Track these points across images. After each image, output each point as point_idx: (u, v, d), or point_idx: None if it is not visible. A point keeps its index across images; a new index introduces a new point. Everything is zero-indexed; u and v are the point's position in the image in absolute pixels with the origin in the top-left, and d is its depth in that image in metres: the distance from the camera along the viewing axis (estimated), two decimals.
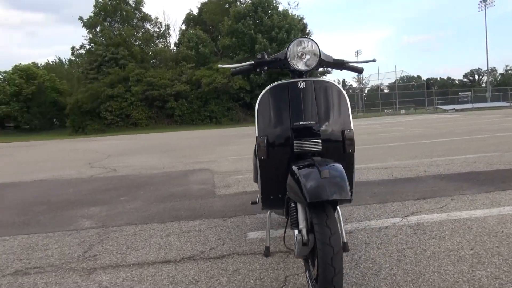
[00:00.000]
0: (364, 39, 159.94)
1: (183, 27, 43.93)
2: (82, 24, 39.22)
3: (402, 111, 40.91)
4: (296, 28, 37.07)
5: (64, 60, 61.54)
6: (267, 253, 2.27)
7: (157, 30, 41.97)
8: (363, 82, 58.65)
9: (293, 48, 1.87)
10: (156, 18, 41.97)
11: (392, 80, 46.16)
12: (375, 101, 46.39)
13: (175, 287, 1.92)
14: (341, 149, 1.89)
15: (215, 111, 33.31)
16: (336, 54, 2.06)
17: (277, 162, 1.89)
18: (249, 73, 2.12)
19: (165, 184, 5.08)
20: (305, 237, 1.56)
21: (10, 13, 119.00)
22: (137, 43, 38.99)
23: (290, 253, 2.29)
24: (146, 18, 41.22)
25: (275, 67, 2.00)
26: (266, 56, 1.98)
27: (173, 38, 65.10)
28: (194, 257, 2.32)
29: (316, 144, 1.80)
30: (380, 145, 8.19)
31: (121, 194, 4.50)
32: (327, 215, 1.53)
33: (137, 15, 41.00)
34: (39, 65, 51.01)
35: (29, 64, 44.82)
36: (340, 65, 2.07)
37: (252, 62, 2.02)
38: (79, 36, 71.88)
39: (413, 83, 60.00)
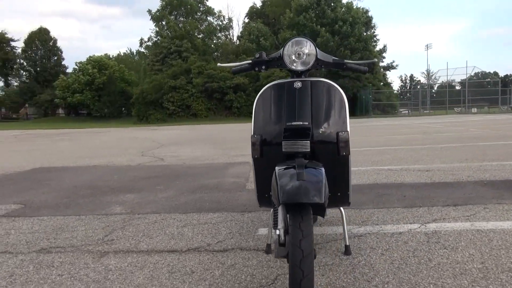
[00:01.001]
0: (435, 33, 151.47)
1: (246, 20, 44.41)
2: (150, 17, 41.04)
3: (474, 110, 38.44)
4: (360, 21, 36.05)
5: (134, 51, 64.89)
6: (268, 250, 2.30)
7: (220, 23, 42.83)
8: (433, 77, 55.66)
9: (289, 48, 1.87)
10: (219, 12, 42.77)
11: (464, 77, 43.25)
12: (445, 98, 43.88)
13: (171, 275, 2.02)
14: (335, 151, 1.86)
15: None
16: (404, 48, 2.01)
17: (271, 162, 1.90)
18: (248, 72, 2.15)
19: (202, 175, 5.24)
20: (282, 237, 1.56)
21: (89, 8, 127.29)
22: (200, 36, 40.07)
23: None
24: (209, 11, 42.21)
25: (273, 66, 2.01)
26: (264, 56, 1.99)
27: (237, 31, 66.06)
28: (200, 248, 2.40)
29: (304, 146, 1.78)
30: (431, 146, 7.79)
31: (158, 183, 4.72)
32: (302, 218, 1.52)
33: (201, 8, 42.09)
34: (110, 56, 54.26)
35: (101, 55, 47.77)
36: (340, 65, 2.03)
37: (250, 61, 2.04)
38: (148, 29, 75.74)
39: (488, 79, 55.94)
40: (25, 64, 56.80)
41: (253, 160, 1.98)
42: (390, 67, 43.66)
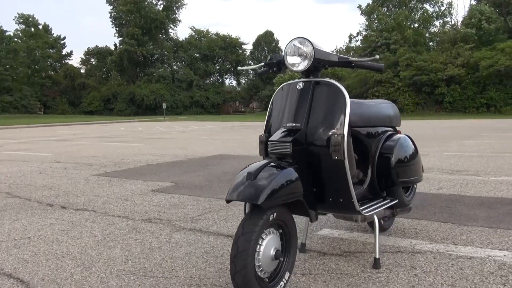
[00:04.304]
0: None
1: (473, 2, 39.28)
2: (360, 12, 41.00)
3: None
4: None
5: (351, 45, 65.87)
6: (302, 249, 2.32)
7: (437, 9, 39.24)
8: None
9: (288, 49, 1.88)
10: None
11: None
12: None
13: (204, 255, 2.32)
14: (328, 155, 1.78)
15: (494, 99, 28.77)
16: None
17: None
18: (268, 74, 2.19)
19: None
20: None
21: (317, 7, 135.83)
22: (412, 26, 37.71)
23: (325, 253, 2.27)
24: None
25: (281, 67, 2.02)
26: (275, 58, 2.03)
27: (461, 16, 59.16)
28: None
29: (285, 147, 1.78)
30: None
31: None
32: (250, 216, 1.59)
33: None
34: None
35: None
36: (348, 64, 1.89)
37: (263, 64, 2.10)
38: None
39: None
40: (252, 64, 65.04)
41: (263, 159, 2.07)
42: None
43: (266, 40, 65.17)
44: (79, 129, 20.47)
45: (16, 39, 53.15)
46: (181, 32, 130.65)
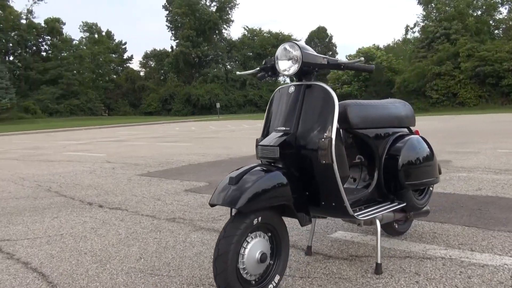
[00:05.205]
0: None
1: None
2: (417, 1, 39.22)
3: None
4: None
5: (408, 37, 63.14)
6: (308, 252, 2.33)
7: None
8: None
9: (278, 54, 1.90)
10: None
11: None
12: None
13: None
14: (317, 159, 1.78)
15: None
16: None
17: None
18: (268, 78, 2.18)
19: None
20: None
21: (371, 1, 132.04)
22: (474, 14, 35.45)
23: (331, 256, 2.25)
24: None
25: (276, 72, 2.02)
26: (269, 62, 2.04)
27: None
28: None
29: (273, 151, 1.79)
30: None
31: None
32: (232, 220, 1.64)
33: None
34: (380, 46, 54.92)
35: (369, 46, 49.00)
36: (337, 66, 1.87)
37: (258, 68, 2.11)
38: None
39: None
40: None
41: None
42: None
43: (319, 36, 64.32)
44: (137, 129, 21.52)
45: (81, 46, 56.90)
46: (234, 32, 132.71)
